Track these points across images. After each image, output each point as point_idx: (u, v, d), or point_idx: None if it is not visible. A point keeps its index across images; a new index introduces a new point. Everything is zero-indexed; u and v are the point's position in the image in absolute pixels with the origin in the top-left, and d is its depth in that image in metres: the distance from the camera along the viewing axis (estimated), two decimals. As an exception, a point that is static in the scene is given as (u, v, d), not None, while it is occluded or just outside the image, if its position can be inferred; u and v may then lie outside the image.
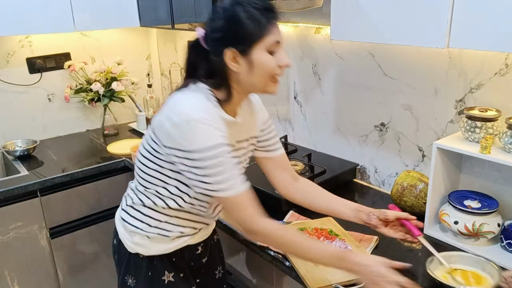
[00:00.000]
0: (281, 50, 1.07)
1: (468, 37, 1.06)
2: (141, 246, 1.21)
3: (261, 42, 1.03)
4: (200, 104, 1.05)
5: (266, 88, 1.10)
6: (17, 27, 1.93)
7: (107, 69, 2.41)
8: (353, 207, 1.23)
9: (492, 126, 1.26)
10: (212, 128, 1.02)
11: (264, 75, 1.06)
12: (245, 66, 1.05)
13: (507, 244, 1.26)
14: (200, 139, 1.00)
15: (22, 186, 1.83)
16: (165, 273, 1.23)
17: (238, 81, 1.08)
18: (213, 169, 1.01)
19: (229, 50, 1.03)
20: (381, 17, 1.23)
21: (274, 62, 1.06)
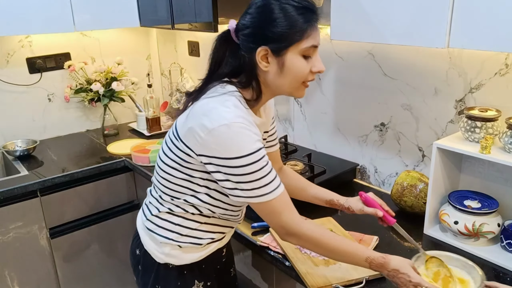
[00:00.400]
0: (317, 55, 1.03)
1: (468, 37, 1.06)
2: (172, 256, 1.15)
3: (297, 46, 0.98)
4: (234, 108, 0.99)
5: (294, 92, 1.06)
6: (17, 27, 1.93)
7: (107, 69, 2.41)
8: (327, 199, 1.27)
9: (492, 126, 1.26)
10: (249, 133, 0.97)
11: (294, 79, 1.02)
12: (275, 67, 1.00)
13: (507, 244, 1.26)
14: (237, 146, 0.95)
15: (22, 186, 1.82)
16: (195, 283, 1.20)
17: (265, 81, 1.04)
18: (251, 175, 0.97)
19: (262, 48, 0.98)
20: (381, 17, 1.23)
21: (307, 67, 1.01)
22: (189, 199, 1.09)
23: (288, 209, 1.02)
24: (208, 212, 1.11)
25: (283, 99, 2.10)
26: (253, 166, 0.96)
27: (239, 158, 0.95)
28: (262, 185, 0.98)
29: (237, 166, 0.96)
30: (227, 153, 0.96)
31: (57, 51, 2.38)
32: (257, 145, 0.98)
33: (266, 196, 0.99)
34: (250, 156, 0.96)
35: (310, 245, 1.05)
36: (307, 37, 0.98)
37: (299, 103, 2.02)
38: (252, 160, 0.96)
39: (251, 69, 1.02)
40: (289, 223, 1.02)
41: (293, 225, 1.02)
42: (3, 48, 2.20)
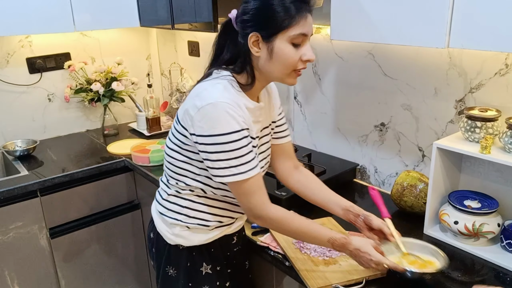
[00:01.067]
0: (307, 43, 1.06)
1: (468, 37, 1.06)
2: (181, 237, 1.22)
3: (285, 32, 1.02)
4: (223, 90, 1.05)
5: (285, 79, 1.10)
6: (17, 27, 1.93)
7: (107, 69, 2.41)
8: (344, 206, 1.26)
9: (492, 126, 1.26)
10: (233, 114, 1.02)
11: (283, 66, 1.06)
12: (265, 52, 1.05)
13: (507, 244, 1.26)
14: (220, 124, 1.01)
15: (22, 186, 1.82)
16: (203, 265, 1.25)
17: (257, 67, 1.09)
18: (230, 153, 1.02)
19: (254, 34, 1.04)
20: (381, 17, 1.23)
21: (296, 55, 1.05)
22: (191, 182, 1.15)
23: (260, 192, 1.08)
24: (211, 194, 1.17)
25: (283, 99, 2.10)
26: (232, 144, 1.02)
27: (220, 135, 1.01)
28: (238, 163, 1.04)
29: (217, 143, 1.02)
30: (210, 130, 1.02)
31: (57, 51, 2.38)
32: (239, 126, 1.03)
33: (241, 175, 1.04)
34: (231, 135, 1.02)
35: (275, 226, 1.13)
36: (295, 24, 1.02)
37: (299, 103, 2.02)
38: (232, 139, 1.02)
39: (246, 55, 1.08)
40: (258, 206, 1.08)
41: (261, 208, 1.09)
42: (3, 48, 2.20)
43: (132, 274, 2.27)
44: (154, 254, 1.30)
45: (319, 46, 1.85)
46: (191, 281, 1.25)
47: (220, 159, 1.03)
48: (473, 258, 1.26)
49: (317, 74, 1.89)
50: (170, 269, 1.26)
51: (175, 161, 1.16)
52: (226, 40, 1.12)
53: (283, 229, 1.12)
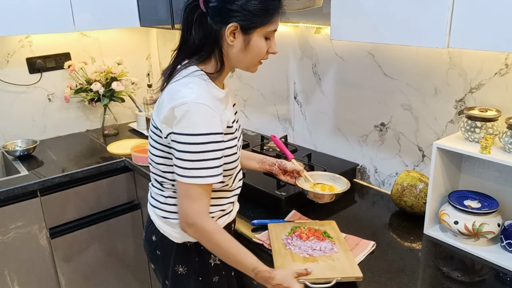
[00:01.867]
0: (274, 38, 1.15)
1: (468, 37, 1.06)
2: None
3: (263, 28, 1.09)
4: (196, 89, 1.07)
5: (250, 68, 1.17)
6: (17, 27, 1.93)
7: (107, 69, 2.41)
8: (259, 160, 1.45)
9: (492, 126, 1.26)
10: (208, 115, 1.05)
11: (254, 57, 1.13)
12: (240, 43, 1.09)
13: (507, 244, 1.26)
14: (195, 125, 1.03)
15: (22, 186, 1.82)
16: (211, 257, 1.26)
17: (227, 54, 1.12)
18: (197, 155, 1.04)
19: (233, 24, 1.06)
20: (381, 17, 1.23)
21: (265, 48, 1.13)
22: (171, 176, 1.17)
23: (204, 201, 1.09)
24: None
25: (283, 99, 2.10)
26: (202, 146, 1.04)
27: (192, 135, 1.03)
28: (200, 167, 1.05)
29: (188, 143, 1.03)
30: (183, 129, 1.04)
31: (57, 51, 2.38)
32: (214, 129, 1.05)
33: (197, 179, 1.06)
34: (204, 137, 1.04)
35: (206, 239, 1.11)
36: (273, 21, 1.10)
37: (299, 103, 2.02)
38: (203, 141, 1.04)
39: (216, 40, 1.09)
40: (197, 213, 1.08)
41: (200, 216, 1.08)
42: (3, 48, 2.20)
43: (132, 274, 2.27)
44: (160, 256, 1.28)
45: (319, 46, 1.85)
46: (201, 275, 1.25)
47: (186, 158, 1.05)
48: (473, 258, 1.26)
49: (317, 74, 1.89)
50: (180, 267, 1.25)
51: (164, 167, 1.17)
52: (191, 23, 1.11)
53: (213, 243, 1.11)
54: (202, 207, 1.09)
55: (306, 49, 1.91)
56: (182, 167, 1.06)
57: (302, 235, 1.33)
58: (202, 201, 1.09)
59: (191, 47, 1.13)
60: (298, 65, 1.97)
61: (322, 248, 1.27)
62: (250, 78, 2.25)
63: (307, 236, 1.32)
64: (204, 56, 1.12)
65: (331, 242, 1.31)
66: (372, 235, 1.39)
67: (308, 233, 1.34)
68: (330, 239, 1.32)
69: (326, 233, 1.35)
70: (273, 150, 1.96)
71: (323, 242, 1.30)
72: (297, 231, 1.35)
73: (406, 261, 1.25)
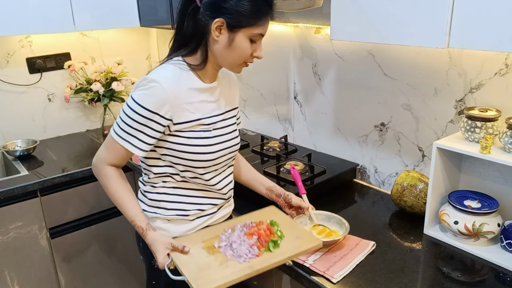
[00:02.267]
0: (260, 43, 1.17)
1: (468, 37, 1.06)
2: (163, 230, 1.26)
3: (249, 29, 1.11)
4: (162, 71, 1.15)
5: (233, 67, 1.19)
6: (17, 27, 1.93)
7: (107, 69, 2.41)
8: (267, 186, 1.41)
9: (492, 126, 1.26)
10: (157, 94, 1.10)
11: (237, 57, 1.15)
12: (225, 40, 1.12)
13: (507, 244, 1.26)
14: (140, 93, 1.11)
15: (22, 186, 1.83)
16: None
17: (212, 49, 1.15)
18: (128, 120, 1.12)
19: (220, 19, 1.09)
20: (381, 17, 1.23)
21: (249, 51, 1.15)
22: (158, 170, 1.22)
23: (114, 156, 1.19)
24: (183, 179, 1.23)
25: (283, 99, 2.10)
26: (136, 116, 1.11)
27: (135, 103, 1.11)
28: (126, 130, 1.14)
29: (129, 107, 1.12)
30: (132, 93, 1.14)
31: (57, 51, 2.38)
32: (154, 107, 1.10)
33: (116, 137, 1.15)
34: (142, 109, 1.10)
35: (101, 183, 1.23)
36: (260, 25, 1.12)
37: (299, 103, 2.02)
38: (140, 112, 1.11)
39: (203, 34, 1.13)
40: (102, 158, 1.20)
41: (101, 161, 1.21)
42: (3, 48, 2.20)
43: (132, 274, 2.27)
44: (141, 248, 1.34)
45: (319, 46, 1.85)
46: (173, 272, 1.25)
47: (121, 117, 1.14)
48: (473, 258, 1.26)
49: (317, 74, 1.89)
50: (155, 262, 1.27)
51: (150, 160, 1.23)
52: (185, 14, 1.15)
53: (105, 187, 1.22)
54: (109, 158, 1.19)
55: (306, 49, 1.91)
56: (116, 122, 1.16)
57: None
58: (113, 155, 1.19)
59: (182, 39, 1.18)
60: (298, 65, 1.97)
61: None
62: (250, 78, 2.26)
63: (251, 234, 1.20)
64: (191, 48, 1.17)
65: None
66: (372, 235, 1.39)
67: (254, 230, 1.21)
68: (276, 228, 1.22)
69: (274, 223, 1.25)
70: (273, 150, 1.96)
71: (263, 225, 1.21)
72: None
73: (406, 261, 1.25)
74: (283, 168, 1.72)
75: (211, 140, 1.21)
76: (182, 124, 1.16)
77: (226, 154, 1.26)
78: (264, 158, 1.89)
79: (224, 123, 1.26)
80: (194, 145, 1.18)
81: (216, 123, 1.23)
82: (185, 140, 1.17)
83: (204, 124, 1.19)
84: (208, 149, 1.20)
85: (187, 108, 1.15)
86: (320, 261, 1.24)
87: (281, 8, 1.67)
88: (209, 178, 1.25)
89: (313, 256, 1.27)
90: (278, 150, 1.96)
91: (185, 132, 1.17)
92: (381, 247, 1.32)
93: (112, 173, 1.21)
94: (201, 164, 1.21)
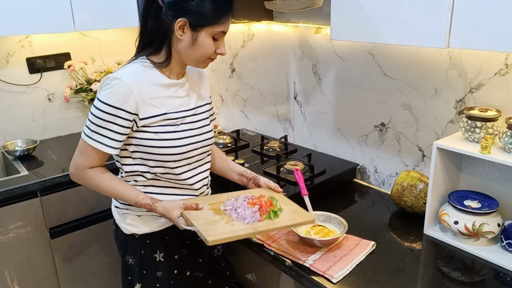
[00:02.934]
0: (223, 40, 1.21)
1: (468, 37, 1.06)
2: (133, 226, 1.30)
3: (211, 27, 1.15)
4: (126, 69, 1.18)
5: (198, 64, 1.23)
6: (17, 27, 1.93)
7: (107, 69, 2.41)
8: (239, 172, 1.43)
9: (492, 126, 1.26)
10: (120, 90, 1.13)
11: (200, 54, 1.18)
12: (188, 39, 1.15)
13: (507, 244, 1.26)
14: (105, 92, 1.14)
15: (22, 186, 1.82)
16: (156, 252, 1.31)
17: (176, 48, 1.18)
18: (96, 120, 1.15)
19: (182, 19, 1.13)
20: (381, 17, 1.23)
21: (213, 48, 1.18)
22: (130, 168, 1.25)
23: (89, 159, 1.20)
24: (154, 177, 1.25)
25: (283, 99, 2.10)
26: (103, 114, 1.14)
27: (100, 101, 1.14)
28: (95, 130, 1.16)
29: (96, 107, 1.15)
30: (98, 94, 1.17)
31: (57, 51, 2.38)
32: (119, 103, 1.13)
33: (88, 139, 1.17)
34: (108, 107, 1.13)
35: (89, 187, 1.25)
36: (222, 23, 1.16)
37: (299, 103, 2.02)
38: (106, 110, 1.13)
39: (166, 33, 1.16)
40: (80, 165, 1.21)
41: (80, 168, 1.22)
42: (3, 48, 2.20)
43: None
44: (117, 245, 1.39)
45: (319, 46, 1.85)
46: (145, 268, 1.31)
47: (89, 119, 1.17)
48: (473, 258, 1.26)
49: (317, 74, 1.89)
50: (129, 258, 1.33)
51: (122, 159, 1.26)
52: (149, 13, 1.18)
53: (95, 188, 1.24)
54: (87, 162, 1.20)
55: (306, 49, 1.91)
56: (86, 124, 1.18)
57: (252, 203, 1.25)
58: (89, 158, 1.20)
59: (147, 38, 1.21)
60: (298, 65, 1.97)
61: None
62: (250, 78, 2.26)
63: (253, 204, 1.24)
64: (155, 47, 1.20)
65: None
66: (372, 235, 1.39)
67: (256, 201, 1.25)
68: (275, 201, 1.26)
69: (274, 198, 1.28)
70: (273, 150, 1.96)
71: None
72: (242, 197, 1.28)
73: (406, 261, 1.25)
74: (283, 168, 1.72)
75: (179, 134, 1.23)
76: (148, 119, 1.18)
77: (198, 148, 1.28)
78: (264, 158, 1.89)
79: (194, 118, 1.28)
80: (161, 139, 1.20)
81: (185, 118, 1.25)
82: (153, 135, 1.19)
83: (171, 118, 1.21)
84: (176, 143, 1.22)
85: (151, 103, 1.18)
86: (320, 261, 1.24)
87: (281, 8, 1.67)
88: (180, 172, 1.26)
89: (313, 256, 1.27)
90: (278, 150, 1.96)
91: (152, 127, 1.19)
92: (381, 247, 1.32)
93: (94, 172, 1.22)
94: (170, 158, 1.22)
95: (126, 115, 1.15)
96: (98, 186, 1.23)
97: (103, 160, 1.23)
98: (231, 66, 2.34)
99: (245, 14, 1.92)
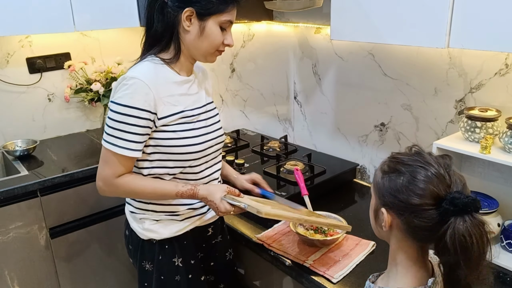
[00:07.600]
0: (230, 30, 1.20)
1: (468, 37, 1.06)
2: (151, 231, 1.26)
3: (218, 16, 1.14)
4: (140, 68, 1.16)
5: (207, 57, 1.21)
6: (17, 27, 1.93)
7: (107, 69, 2.41)
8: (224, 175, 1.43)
9: (492, 126, 1.26)
10: (142, 92, 1.10)
11: (209, 45, 1.17)
12: (196, 29, 1.14)
13: (507, 244, 1.26)
14: (127, 96, 1.10)
15: (22, 186, 1.82)
16: (175, 256, 1.28)
17: (184, 41, 1.17)
18: (119, 125, 1.11)
19: (189, 9, 1.12)
20: (381, 17, 1.23)
21: (221, 38, 1.17)
22: (148, 172, 1.21)
23: (117, 168, 1.15)
24: (169, 177, 1.22)
25: (283, 99, 2.10)
26: (126, 118, 1.10)
27: (121, 105, 1.10)
28: (120, 136, 1.11)
29: (116, 112, 1.11)
30: (114, 98, 1.13)
31: (57, 51, 2.38)
32: (139, 103, 1.10)
33: (113, 147, 1.12)
34: (130, 109, 1.10)
35: (123, 195, 1.21)
36: (228, 11, 1.15)
37: (299, 103, 2.02)
38: (129, 113, 1.10)
39: (173, 27, 1.15)
40: (108, 176, 1.15)
41: (109, 180, 1.16)
42: (3, 48, 2.20)
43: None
44: (131, 250, 1.34)
45: (319, 46, 1.85)
46: (163, 274, 1.28)
47: (109, 125, 1.12)
48: (473, 258, 1.26)
49: (317, 74, 1.89)
50: (146, 263, 1.30)
51: (137, 162, 1.22)
52: (153, 11, 1.17)
53: (131, 194, 1.22)
54: (115, 171, 1.15)
55: (306, 49, 1.91)
56: (105, 132, 1.14)
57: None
58: (115, 167, 1.15)
59: (153, 36, 1.21)
60: (298, 65, 1.97)
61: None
62: (250, 78, 2.26)
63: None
64: (163, 44, 1.19)
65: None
66: (372, 235, 1.38)
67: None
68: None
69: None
70: (273, 150, 1.96)
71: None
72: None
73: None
74: (283, 168, 1.72)
75: (197, 131, 1.22)
76: (166, 118, 1.16)
77: (214, 145, 1.27)
78: (264, 158, 1.89)
79: (207, 115, 1.27)
80: (180, 138, 1.18)
81: (200, 115, 1.24)
82: (172, 134, 1.17)
83: (187, 116, 1.20)
84: (195, 141, 1.21)
85: (168, 101, 1.16)
86: (320, 261, 1.25)
87: (281, 8, 1.67)
88: (199, 171, 1.26)
89: (313, 256, 1.27)
90: (278, 150, 1.96)
91: (171, 126, 1.17)
92: (381, 247, 1.32)
93: (124, 180, 1.17)
94: (191, 157, 1.21)
95: (147, 115, 1.12)
96: (133, 191, 1.19)
97: (131, 167, 1.18)
98: (231, 66, 2.34)
99: (245, 14, 1.92)
